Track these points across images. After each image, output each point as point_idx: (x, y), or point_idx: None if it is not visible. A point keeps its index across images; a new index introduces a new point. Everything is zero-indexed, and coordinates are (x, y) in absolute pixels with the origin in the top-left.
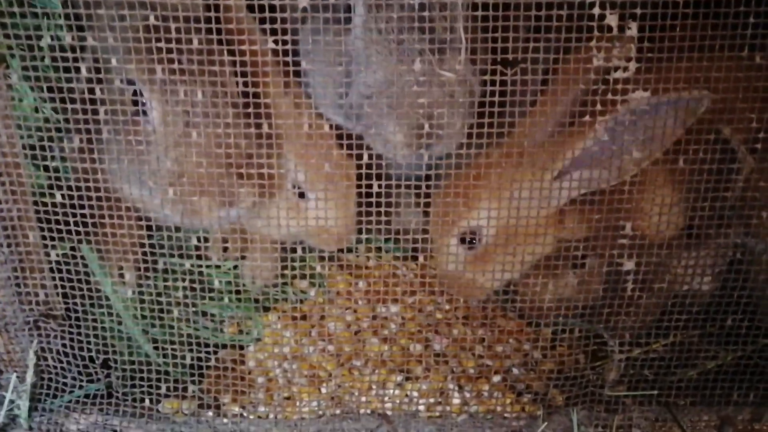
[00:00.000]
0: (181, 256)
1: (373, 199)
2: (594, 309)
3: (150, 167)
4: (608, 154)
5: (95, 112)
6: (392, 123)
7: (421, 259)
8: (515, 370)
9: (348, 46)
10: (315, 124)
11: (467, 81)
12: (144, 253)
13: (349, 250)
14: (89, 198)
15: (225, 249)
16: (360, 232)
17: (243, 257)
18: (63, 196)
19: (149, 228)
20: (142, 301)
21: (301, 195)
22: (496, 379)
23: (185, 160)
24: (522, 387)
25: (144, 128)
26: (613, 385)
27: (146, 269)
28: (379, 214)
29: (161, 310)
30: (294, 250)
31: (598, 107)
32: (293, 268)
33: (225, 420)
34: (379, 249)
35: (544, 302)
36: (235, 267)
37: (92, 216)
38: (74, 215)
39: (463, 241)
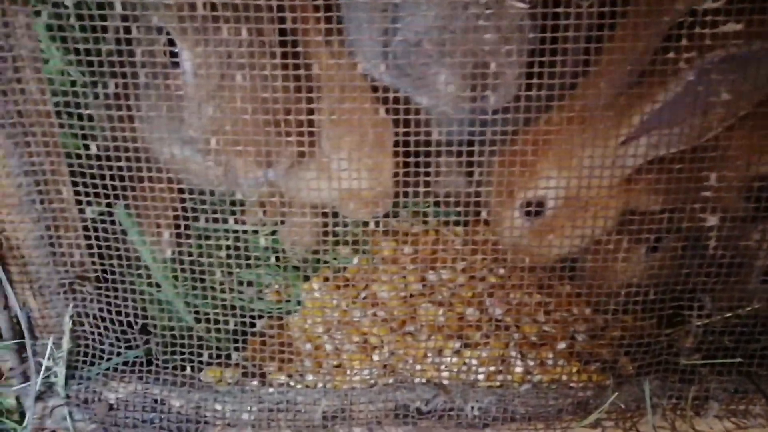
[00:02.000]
0: (218, 220)
1: (413, 160)
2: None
3: (184, 124)
4: (690, 107)
5: (129, 64)
6: (443, 71)
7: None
8: (580, 337)
9: None
10: (350, 77)
11: (523, 25)
12: (182, 215)
13: (394, 215)
14: (125, 156)
15: (263, 212)
16: (404, 196)
17: (282, 221)
18: (98, 147)
19: (187, 189)
20: (181, 264)
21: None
22: (561, 346)
23: (220, 116)
24: (588, 355)
25: (177, 80)
26: (689, 353)
27: (184, 231)
28: (419, 175)
29: (201, 274)
30: (336, 215)
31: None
32: (335, 234)
33: (271, 389)
34: (424, 214)
35: (612, 285)
36: (274, 232)
37: (128, 174)
38: (109, 172)
39: (526, 212)
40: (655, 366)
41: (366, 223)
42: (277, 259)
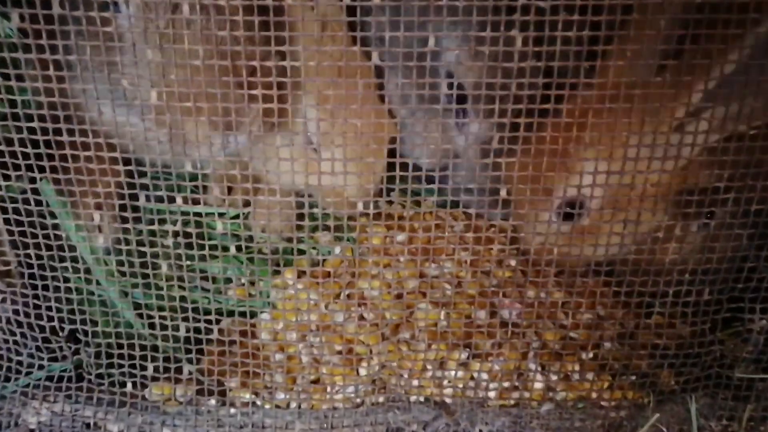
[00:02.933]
0: (173, 200)
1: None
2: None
3: (126, 78)
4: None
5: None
6: None
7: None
8: (612, 345)
9: None
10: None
11: None
12: (126, 196)
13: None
14: (52, 120)
15: (229, 192)
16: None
17: (249, 203)
18: (16, 108)
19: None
20: (124, 255)
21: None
22: (589, 356)
23: (171, 68)
24: (623, 367)
25: (117, 25)
26: (746, 364)
27: (129, 216)
28: None
29: (148, 267)
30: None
31: None
32: (313, 218)
33: (232, 410)
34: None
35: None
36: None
37: (56, 146)
38: (32, 137)
39: (564, 214)
40: (703, 381)
41: None
42: (241, 248)
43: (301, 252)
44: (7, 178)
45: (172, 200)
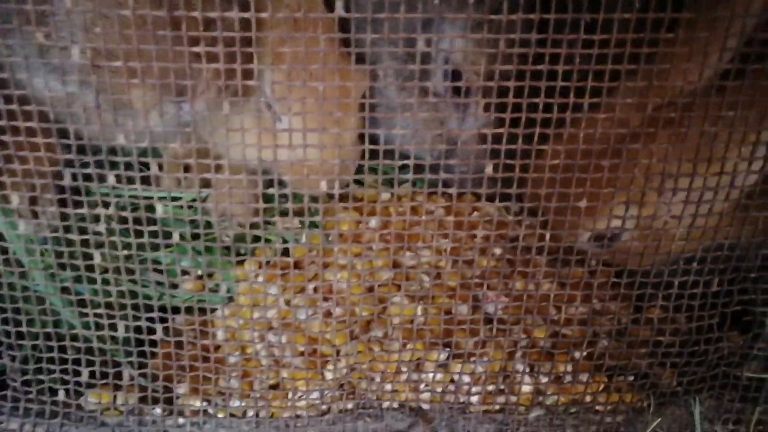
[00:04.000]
0: (117, 179)
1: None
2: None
3: (47, 39)
4: None
5: None
6: None
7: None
8: (604, 341)
9: None
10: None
11: None
12: (61, 175)
13: (356, 182)
14: None
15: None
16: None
17: (208, 186)
18: None
19: (62, 135)
20: (57, 244)
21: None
22: (583, 355)
23: (111, 23)
24: (620, 367)
25: None
26: (757, 363)
27: (57, 196)
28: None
29: (85, 257)
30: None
31: None
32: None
33: (181, 419)
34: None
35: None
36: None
37: None
38: None
39: (596, 239)
40: (709, 381)
41: None
42: (195, 236)
43: (259, 239)
44: None
45: (104, 181)
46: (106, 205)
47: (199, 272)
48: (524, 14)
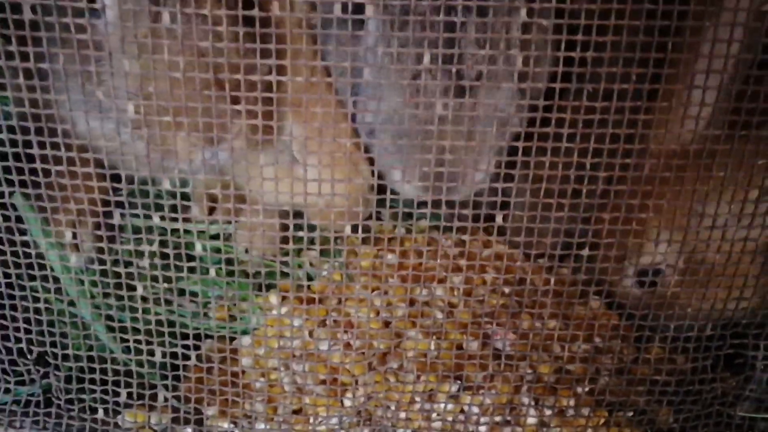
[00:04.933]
0: (150, 209)
1: None
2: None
3: (104, 83)
4: None
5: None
6: (398, 167)
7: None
8: (606, 379)
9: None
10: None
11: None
12: (104, 212)
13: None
14: (26, 130)
15: (212, 209)
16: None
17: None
18: None
19: (113, 178)
20: (103, 275)
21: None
22: (585, 390)
23: (152, 76)
24: (620, 403)
25: (94, 22)
26: (749, 403)
27: (106, 232)
28: None
29: (124, 287)
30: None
31: None
32: (301, 238)
33: None
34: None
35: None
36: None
37: (29, 154)
38: (5, 150)
39: (641, 282)
40: (703, 419)
41: None
42: (222, 269)
43: (285, 275)
44: None
45: (149, 217)
46: (150, 242)
47: (228, 304)
48: None
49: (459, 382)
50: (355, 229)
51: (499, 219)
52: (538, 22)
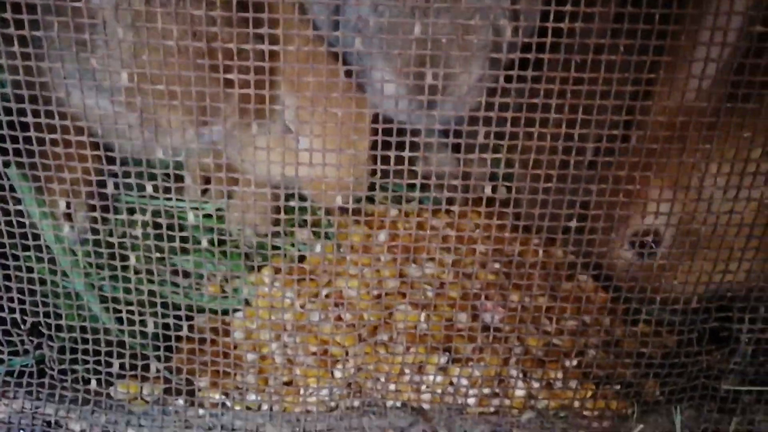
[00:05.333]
0: (144, 189)
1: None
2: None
3: (99, 64)
4: None
5: None
6: (380, 68)
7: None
8: (593, 352)
9: None
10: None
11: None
12: (97, 185)
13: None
14: (19, 97)
15: (206, 187)
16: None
17: (229, 197)
18: None
19: (107, 154)
20: (94, 246)
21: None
22: (573, 363)
23: (146, 55)
24: (607, 376)
25: (90, 5)
26: (732, 376)
27: (100, 205)
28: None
29: (118, 259)
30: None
31: None
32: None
33: (201, 411)
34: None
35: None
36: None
37: (24, 126)
38: None
39: (637, 246)
40: (689, 392)
41: None
42: (219, 243)
43: (277, 248)
44: None
45: (143, 190)
46: (143, 212)
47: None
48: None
49: (448, 354)
50: (345, 200)
51: (488, 190)
52: None
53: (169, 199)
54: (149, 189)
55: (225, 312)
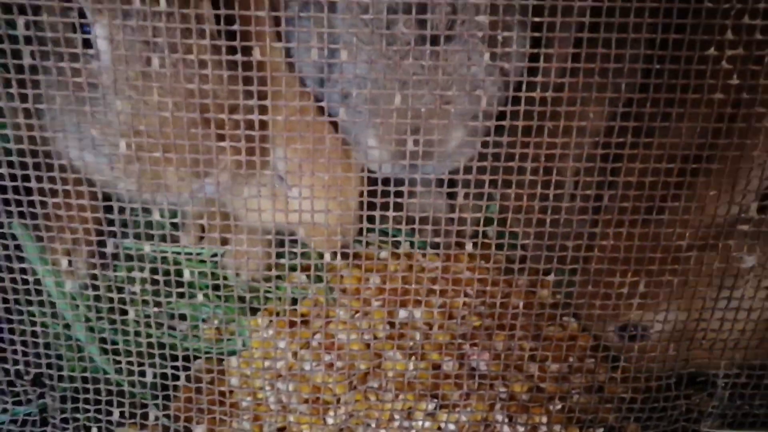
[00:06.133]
0: (142, 238)
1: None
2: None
3: (98, 121)
4: None
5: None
6: (370, 130)
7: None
8: (577, 396)
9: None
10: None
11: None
12: (97, 237)
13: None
14: (23, 163)
15: (202, 233)
16: (369, 220)
17: (224, 243)
18: None
19: (107, 206)
20: (94, 298)
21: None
22: (557, 407)
23: (144, 111)
24: (590, 420)
25: (89, 66)
26: (713, 420)
27: (100, 257)
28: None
29: (117, 310)
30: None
31: None
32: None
33: None
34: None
35: None
36: (215, 255)
37: (28, 187)
38: (3, 188)
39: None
40: None
41: None
42: (217, 288)
43: (270, 293)
44: None
45: (143, 242)
46: (141, 268)
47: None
48: None
49: (436, 400)
50: (334, 256)
51: (469, 246)
52: None
53: (166, 252)
54: (147, 248)
55: (221, 359)
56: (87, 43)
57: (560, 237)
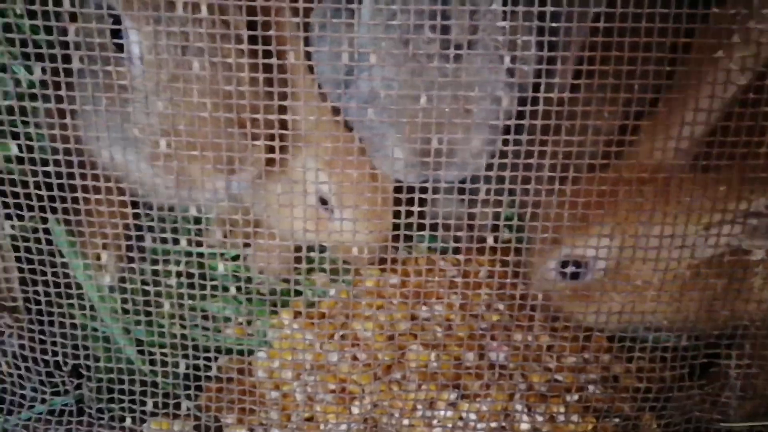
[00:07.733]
0: (175, 240)
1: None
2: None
3: (132, 123)
4: None
5: (61, 44)
6: (390, 136)
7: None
8: (592, 387)
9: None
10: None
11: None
12: (129, 234)
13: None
14: (58, 162)
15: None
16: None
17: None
18: (22, 148)
19: (137, 204)
20: (125, 293)
21: (323, 202)
22: (574, 398)
23: (175, 113)
24: (606, 410)
25: (124, 69)
26: (727, 411)
27: (131, 254)
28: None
29: (149, 305)
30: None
31: None
32: (310, 260)
33: None
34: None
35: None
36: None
37: (62, 184)
38: (39, 182)
39: (563, 268)
40: (684, 424)
41: None
42: (240, 289)
43: (298, 293)
44: (20, 218)
45: (175, 241)
46: (177, 262)
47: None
48: None
49: (457, 390)
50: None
51: (490, 240)
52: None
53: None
54: (183, 243)
55: (250, 352)
56: (120, 48)
57: None
